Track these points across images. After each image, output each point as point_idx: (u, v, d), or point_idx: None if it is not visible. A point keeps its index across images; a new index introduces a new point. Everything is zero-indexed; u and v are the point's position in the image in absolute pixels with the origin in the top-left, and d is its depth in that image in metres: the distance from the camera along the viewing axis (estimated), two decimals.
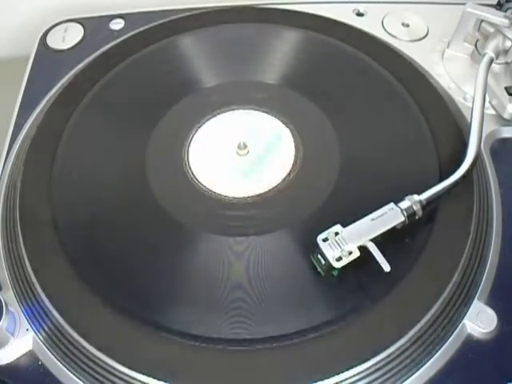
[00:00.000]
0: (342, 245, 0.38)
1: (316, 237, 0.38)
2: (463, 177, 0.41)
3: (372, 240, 0.38)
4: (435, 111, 0.48)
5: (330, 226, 0.39)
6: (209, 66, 0.54)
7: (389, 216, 0.39)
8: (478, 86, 0.46)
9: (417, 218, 0.40)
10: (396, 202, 0.40)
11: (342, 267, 0.38)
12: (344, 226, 0.39)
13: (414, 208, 0.39)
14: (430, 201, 0.40)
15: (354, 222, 0.39)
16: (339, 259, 0.38)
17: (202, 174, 0.47)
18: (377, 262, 0.37)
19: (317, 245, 0.38)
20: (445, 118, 0.48)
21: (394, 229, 0.39)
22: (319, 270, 0.39)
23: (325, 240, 0.38)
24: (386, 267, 0.37)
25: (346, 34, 0.55)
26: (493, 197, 0.45)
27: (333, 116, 0.49)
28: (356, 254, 0.38)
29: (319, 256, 0.38)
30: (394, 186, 0.43)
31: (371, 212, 0.40)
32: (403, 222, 0.39)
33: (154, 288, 0.40)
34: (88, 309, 0.38)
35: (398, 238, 0.40)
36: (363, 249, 0.38)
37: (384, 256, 0.37)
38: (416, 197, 0.40)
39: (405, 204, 0.40)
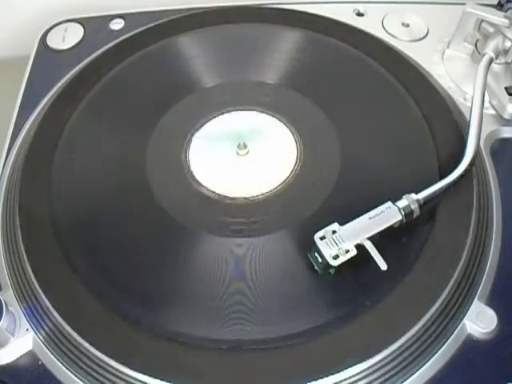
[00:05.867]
0: (339, 243, 0.38)
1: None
2: (461, 176, 0.41)
3: (370, 239, 0.38)
4: (435, 111, 0.48)
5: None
6: (209, 66, 0.54)
7: (386, 215, 0.39)
8: (477, 85, 0.46)
9: (414, 216, 0.40)
10: (394, 201, 0.40)
11: (342, 267, 0.38)
12: (342, 224, 0.39)
13: (412, 207, 0.39)
14: (428, 200, 0.40)
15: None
16: (336, 257, 0.37)
17: (202, 175, 0.47)
18: (375, 261, 0.37)
19: (314, 243, 0.38)
20: (445, 118, 0.48)
21: (393, 228, 0.39)
22: (316, 267, 0.39)
23: (322, 238, 0.38)
24: (383, 266, 0.37)
25: (346, 34, 0.55)
26: (493, 197, 0.45)
27: (333, 116, 0.49)
28: (353, 252, 0.38)
29: (316, 254, 0.38)
30: (394, 185, 0.43)
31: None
32: (401, 221, 0.39)
33: (155, 288, 0.40)
34: (88, 309, 0.38)
35: (398, 237, 0.40)
36: (361, 247, 0.38)
37: (383, 256, 0.37)
38: (413, 196, 0.40)
39: (402, 203, 0.40)
